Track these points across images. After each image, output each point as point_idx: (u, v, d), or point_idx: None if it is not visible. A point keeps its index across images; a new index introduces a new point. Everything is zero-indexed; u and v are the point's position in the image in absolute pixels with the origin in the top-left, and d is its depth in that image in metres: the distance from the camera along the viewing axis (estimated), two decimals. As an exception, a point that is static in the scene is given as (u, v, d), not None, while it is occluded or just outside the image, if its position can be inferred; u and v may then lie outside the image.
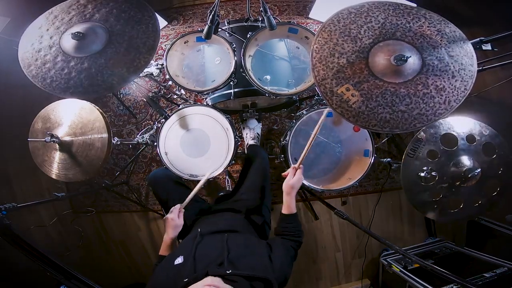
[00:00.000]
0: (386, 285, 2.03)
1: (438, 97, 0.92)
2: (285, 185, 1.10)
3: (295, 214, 1.09)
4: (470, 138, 1.32)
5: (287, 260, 0.92)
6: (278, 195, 2.23)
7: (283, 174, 1.17)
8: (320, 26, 1.00)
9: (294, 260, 0.98)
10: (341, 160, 1.67)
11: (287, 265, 0.91)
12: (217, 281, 0.72)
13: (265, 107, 1.95)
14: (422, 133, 1.30)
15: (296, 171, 1.11)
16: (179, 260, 0.85)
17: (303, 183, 1.46)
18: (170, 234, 1.13)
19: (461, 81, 0.93)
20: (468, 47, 0.96)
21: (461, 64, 0.94)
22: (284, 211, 1.09)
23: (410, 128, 0.93)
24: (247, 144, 1.93)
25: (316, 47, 0.97)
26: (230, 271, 0.75)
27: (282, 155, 1.72)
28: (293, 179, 1.09)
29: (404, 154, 1.32)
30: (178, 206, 1.18)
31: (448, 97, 0.92)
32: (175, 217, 1.14)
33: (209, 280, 0.72)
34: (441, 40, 0.96)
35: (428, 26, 0.98)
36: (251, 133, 1.94)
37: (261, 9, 1.19)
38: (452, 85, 0.93)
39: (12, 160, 2.18)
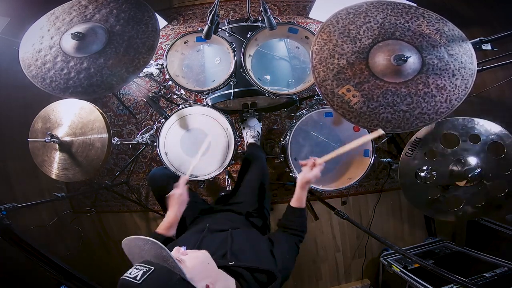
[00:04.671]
0: (386, 285, 2.03)
1: (439, 96, 0.93)
2: (301, 178, 1.02)
3: (304, 208, 1.03)
4: (472, 137, 1.31)
5: (290, 255, 0.91)
6: (278, 195, 2.23)
7: (301, 162, 1.07)
8: (319, 27, 1.00)
9: (296, 254, 0.96)
10: (341, 160, 1.67)
11: (290, 259, 0.90)
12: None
13: (265, 107, 1.95)
14: (422, 132, 1.30)
15: (315, 166, 1.02)
16: None
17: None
18: (176, 211, 1.07)
19: (461, 79, 0.93)
20: (467, 45, 0.97)
21: (461, 63, 0.94)
22: (294, 204, 1.03)
23: (412, 127, 0.94)
24: (247, 142, 1.93)
25: (316, 49, 0.97)
26: (233, 262, 0.75)
27: (282, 155, 1.72)
28: (311, 173, 1.01)
29: (402, 154, 1.32)
30: (184, 178, 1.17)
31: (449, 95, 0.92)
32: (183, 192, 1.11)
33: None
34: (440, 39, 0.96)
35: (427, 25, 0.98)
36: (251, 132, 1.94)
37: (261, 9, 1.19)
38: (452, 84, 0.93)
39: (12, 160, 2.18)
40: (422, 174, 1.30)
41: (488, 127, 1.28)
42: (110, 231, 2.31)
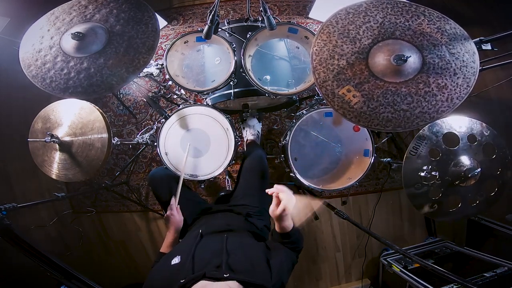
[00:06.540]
0: (386, 285, 2.03)
1: (440, 95, 0.92)
2: (273, 216, 0.93)
3: (290, 230, 0.94)
4: (471, 137, 1.32)
5: (287, 266, 0.89)
6: (278, 195, 2.23)
7: (268, 191, 0.97)
8: (318, 28, 1.00)
9: (294, 264, 0.94)
10: (341, 160, 1.67)
11: (286, 270, 0.88)
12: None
13: (265, 107, 1.95)
14: (424, 131, 1.30)
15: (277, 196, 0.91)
16: (176, 260, 0.84)
17: (303, 183, 1.46)
18: (172, 230, 1.16)
19: (463, 78, 0.93)
20: (469, 44, 0.96)
21: (462, 61, 0.94)
22: (279, 230, 0.95)
23: (412, 127, 0.93)
24: (247, 140, 1.93)
25: (316, 50, 0.97)
26: (228, 275, 0.74)
27: (282, 155, 1.72)
28: (280, 206, 0.89)
29: (406, 152, 1.32)
30: (173, 201, 1.22)
31: (451, 94, 0.92)
32: (175, 213, 1.19)
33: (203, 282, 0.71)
34: (441, 38, 0.96)
35: (427, 24, 0.97)
36: (251, 130, 1.94)
37: (261, 9, 1.19)
38: (454, 83, 0.93)
39: (12, 160, 2.18)
40: (422, 174, 1.30)
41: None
42: (110, 231, 2.31)
